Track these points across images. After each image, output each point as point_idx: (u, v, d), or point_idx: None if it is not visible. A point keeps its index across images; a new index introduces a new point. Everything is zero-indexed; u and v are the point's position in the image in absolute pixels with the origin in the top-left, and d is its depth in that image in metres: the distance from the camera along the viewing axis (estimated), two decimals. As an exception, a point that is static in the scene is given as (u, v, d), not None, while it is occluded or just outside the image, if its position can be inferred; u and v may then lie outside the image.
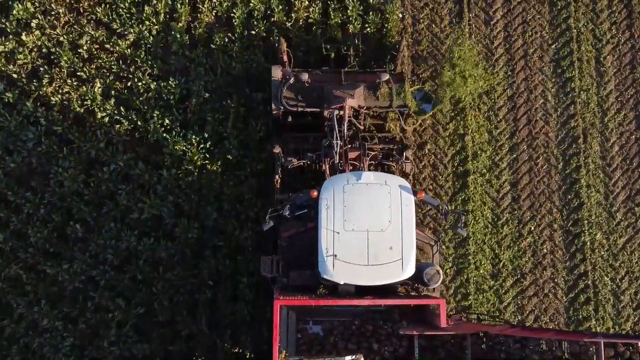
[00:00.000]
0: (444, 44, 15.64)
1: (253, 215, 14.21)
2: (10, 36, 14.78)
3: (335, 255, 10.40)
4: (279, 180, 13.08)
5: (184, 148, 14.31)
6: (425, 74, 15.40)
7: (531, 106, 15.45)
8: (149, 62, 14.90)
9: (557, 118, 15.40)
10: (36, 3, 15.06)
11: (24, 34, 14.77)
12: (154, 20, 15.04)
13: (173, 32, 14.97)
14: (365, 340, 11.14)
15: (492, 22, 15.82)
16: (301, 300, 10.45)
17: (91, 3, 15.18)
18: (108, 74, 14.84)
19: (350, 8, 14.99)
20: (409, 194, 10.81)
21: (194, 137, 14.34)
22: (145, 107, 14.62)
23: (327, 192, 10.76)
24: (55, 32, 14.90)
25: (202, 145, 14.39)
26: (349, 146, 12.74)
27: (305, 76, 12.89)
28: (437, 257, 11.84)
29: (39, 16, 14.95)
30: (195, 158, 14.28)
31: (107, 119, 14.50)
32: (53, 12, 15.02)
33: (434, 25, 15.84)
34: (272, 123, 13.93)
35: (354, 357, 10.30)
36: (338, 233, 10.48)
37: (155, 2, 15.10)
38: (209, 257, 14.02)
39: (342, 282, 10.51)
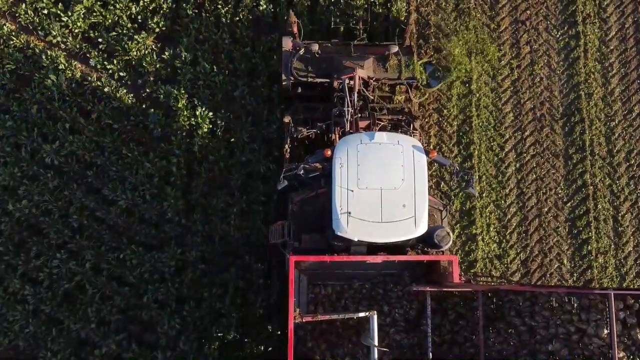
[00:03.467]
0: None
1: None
2: (-7, 204, 14.01)
3: (349, 213, 10.58)
4: (288, 151, 13.07)
5: (179, 326, 13.52)
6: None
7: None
8: (143, 231, 14.10)
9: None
10: (24, 167, 14.23)
11: (10, 202, 13.97)
12: (148, 184, 14.24)
13: (168, 197, 14.18)
14: (376, 304, 11.28)
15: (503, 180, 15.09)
16: (315, 257, 10.69)
17: (81, 166, 14.36)
18: (99, 244, 14.03)
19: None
20: (421, 153, 10.99)
21: (189, 317, 13.56)
22: (139, 282, 13.82)
23: (341, 151, 10.97)
24: (43, 199, 14.09)
25: (198, 323, 13.62)
26: (359, 115, 12.73)
27: (315, 47, 13.09)
28: (446, 222, 12.04)
29: (26, 182, 14.14)
30: (192, 337, 13.51)
31: (98, 296, 13.70)
32: (41, 177, 14.20)
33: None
34: (282, 94, 14.09)
35: (367, 313, 10.39)
36: (352, 191, 10.66)
37: (149, 165, 14.28)
38: None
39: (355, 239, 10.61)
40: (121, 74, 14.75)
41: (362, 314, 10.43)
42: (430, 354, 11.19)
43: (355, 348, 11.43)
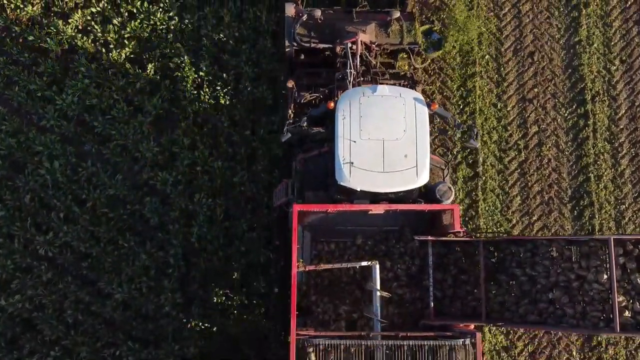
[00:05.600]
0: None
1: None
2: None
3: (352, 163, 10.81)
4: (291, 115, 13.00)
5: None
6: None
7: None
8: (139, 326, 13.68)
9: None
10: (17, 259, 13.81)
11: (2, 296, 13.56)
12: (145, 277, 13.81)
13: (165, 290, 13.75)
14: (379, 260, 11.26)
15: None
16: (319, 205, 10.83)
17: (76, 257, 13.94)
18: (94, 340, 13.61)
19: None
20: (422, 105, 11.22)
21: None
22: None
23: (343, 104, 11.22)
24: (37, 293, 13.67)
25: None
26: (361, 79, 12.74)
27: (318, 12, 13.04)
28: (448, 179, 12.18)
29: (19, 275, 13.71)
30: None
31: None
32: (35, 269, 13.78)
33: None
34: (286, 61, 13.96)
35: (369, 263, 10.77)
36: (354, 142, 10.87)
37: (145, 256, 13.87)
38: None
39: (358, 189, 10.82)
40: (117, 159, 14.33)
41: (364, 263, 10.88)
42: (432, 305, 11.35)
43: (358, 301, 11.60)
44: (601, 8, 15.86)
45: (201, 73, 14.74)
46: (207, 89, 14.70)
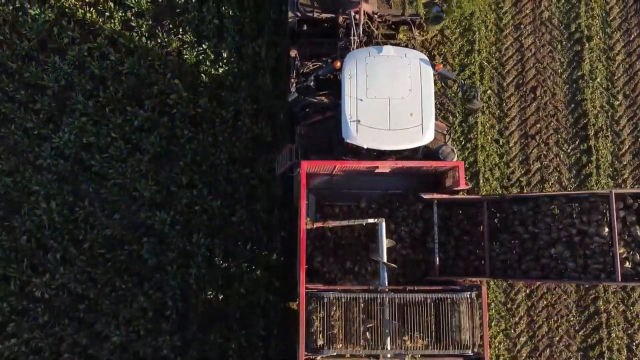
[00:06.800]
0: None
1: None
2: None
3: (359, 121, 11.08)
4: (294, 84, 13.05)
5: None
6: None
7: None
8: (137, 370, 13.53)
9: None
10: (12, 301, 13.62)
11: (-3, 337, 13.41)
12: (142, 319, 13.63)
13: (163, 332, 13.58)
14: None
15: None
16: (325, 161, 11.10)
17: (73, 299, 13.75)
18: (92, 384, 13.46)
19: None
20: (427, 65, 11.52)
21: None
22: None
23: (350, 63, 11.51)
24: (33, 336, 13.48)
25: None
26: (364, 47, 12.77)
27: None
28: (450, 143, 12.43)
29: (15, 317, 13.54)
30: None
31: None
32: (31, 312, 13.61)
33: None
34: (288, 32, 13.99)
35: (375, 220, 11.10)
36: (361, 100, 11.16)
37: (142, 298, 13.69)
38: None
39: (365, 146, 11.11)
40: (114, 198, 14.15)
41: (371, 220, 11.11)
42: (438, 261, 11.56)
43: (363, 262, 11.86)
44: (604, 42, 15.69)
45: (199, 110, 14.57)
46: (205, 126, 14.53)
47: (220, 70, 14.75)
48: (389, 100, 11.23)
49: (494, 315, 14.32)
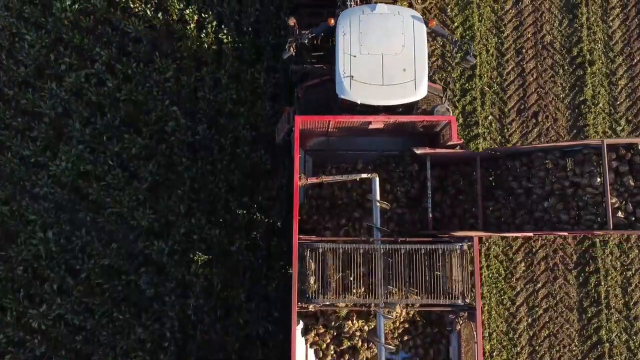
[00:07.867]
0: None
1: None
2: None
3: (352, 76, 11.23)
4: (291, 47, 13.02)
5: None
6: None
7: None
8: (135, 402, 13.39)
9: None
10: (9, 333, 13.48)
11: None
12: (140, 351, 13.49)
13: (161, 363, 13.47)
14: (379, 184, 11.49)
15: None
16: (319, 117, 11.30)
17: (70, 330, 13.60)
18: (89, 416, 13.33)
19: None
20: (420, 22, 11.66)
21: None
22: None
23: (343, 21, 11.68)
24: (30, 368, 13.38)
25: None
26: None
27: None
28: (446, 104, 12.56)
29: (12, 349, 13.41)
30: None
31: None
32: (27, 343, 13.46)
33: None
34: (288, 2, 14.36)
35: (370, 175, 11.30)
36: (354, 56, 11.31)
37: (140, 329, 13.54)
38: None
39: (359, 102, 11.24)
40: (112, 227, 14.00)
41: (364, 175, 11.34)
42: (431, 216, 11.65)
43: (359, 219, 11.90)
44: (607, 66, 15.52)
45: (197, 137, 14.42)
46: (203, 154, 14.37)
47: (219, 96, 14.60)
48: (382, 56, 11.36)
49: (496, 345, 14.17)
